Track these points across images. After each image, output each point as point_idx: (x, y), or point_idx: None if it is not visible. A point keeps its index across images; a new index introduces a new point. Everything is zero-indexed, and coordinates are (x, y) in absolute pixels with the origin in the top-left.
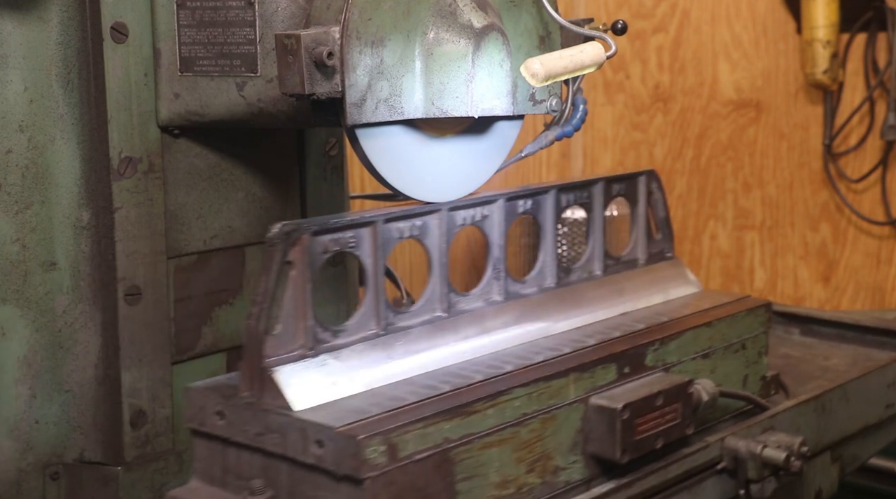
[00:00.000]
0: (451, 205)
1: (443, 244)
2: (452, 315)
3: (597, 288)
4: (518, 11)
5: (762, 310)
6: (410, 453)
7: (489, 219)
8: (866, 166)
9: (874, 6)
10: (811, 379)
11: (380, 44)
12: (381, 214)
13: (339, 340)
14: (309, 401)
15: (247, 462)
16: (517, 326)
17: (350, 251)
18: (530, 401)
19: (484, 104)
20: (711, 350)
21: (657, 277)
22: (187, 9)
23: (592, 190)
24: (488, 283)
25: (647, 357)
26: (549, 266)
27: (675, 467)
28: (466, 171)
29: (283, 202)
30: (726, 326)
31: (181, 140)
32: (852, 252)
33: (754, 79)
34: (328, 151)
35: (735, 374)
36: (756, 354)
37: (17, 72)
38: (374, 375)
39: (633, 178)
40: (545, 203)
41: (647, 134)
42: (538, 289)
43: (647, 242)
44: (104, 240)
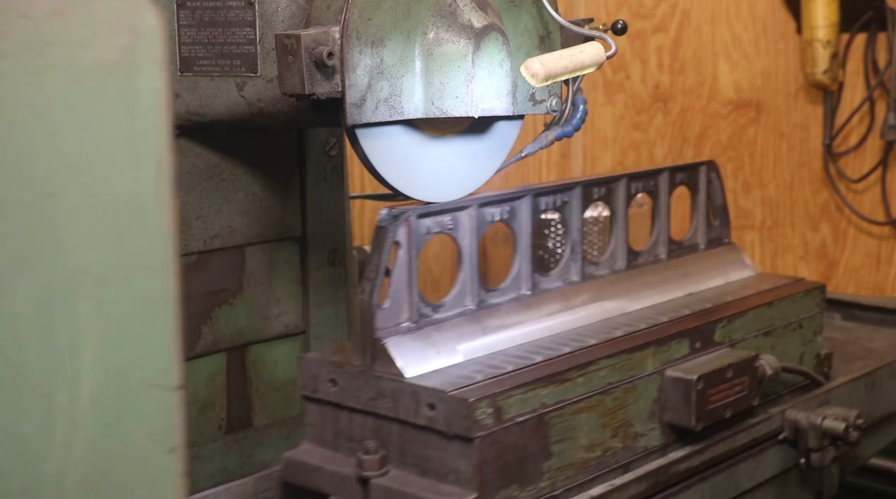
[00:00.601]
0: (536, 191)
1: (528, 227)
2: (536, 293)
3: (663, 271)
4: (518, 11)
5: (817, 291)
6: (513, 415)
7: (569, 205)
8: (866, 166)
9: (874, 6)
10: (857, 359)
11: (380, 44)
12: (476, 199)
13: (438, 314)
14: (417, 369)
15: (358, 425)
16: (594, 304)
17: (448, 233)
18: (614, 371)
19: (484, 104)
20: (772, 328)
21: (716, 261)
22: (187, 9)
23: (658, 179)
24: (566, 264)
25: (715, 333)
26: (619, 250)
27: (742, 436)
28: (466, 171)
29: (283, 202)
30: (785, 306)
31: (181, 140)
32: (852, 252)
33: (754, 79)
34: (328, 151)
35: (793, 351)
36: (812, 333)
37: None
38: (472, 346)
39: (695, 167)
40: (618, 190)
41: (647, 134)
42: (610, 271)
43: (706, 229)
44: None
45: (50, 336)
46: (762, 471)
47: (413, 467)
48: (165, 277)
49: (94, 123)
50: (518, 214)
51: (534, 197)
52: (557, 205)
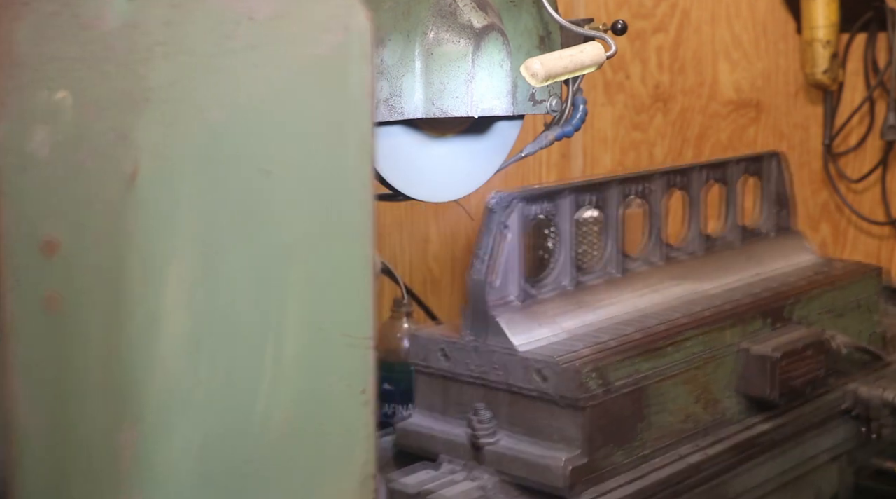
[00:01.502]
0: (621, 179)
1: (618, 214)
2: (625, 275)
3: (736, 255)
4: (518, 11)
5: (875, 273)
6: (616, 384)
7: (654, 194)
8: (866, 166)
9: (874, 6)
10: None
11: (380, 44)
12: (572, 185)
13: (542, 294)
14: (525, 342)
15: (468, 394)
16: (676, 284)
17: (550, 218)
18: (699, 344)
19: (484, 104)
20: (835, 308)
21: (784, 246)
22: None
23: (727, 168)
24: (651, 248)
25: (786, 311)
26: (695, 235)
27: (818, 412)
28: (466, 171)
29: None
30: (850, 287)
31: None
32: (852, 252)
33: (754, 79)
34: None
35: (855, 330)
36: (870, 312)
37: None
38: (572, 322)
39: (764, 158)
40: (694, 179)
41: (647, 134)
42: (689, 255)
43: (774, 216)
44: None
45: (262, 297)
46: (833, 442)
47: (523, 433)
48: (364, 245)
49: (308, 110)
50: (608, 201)
51: (619, 183)
52: (640, 191)
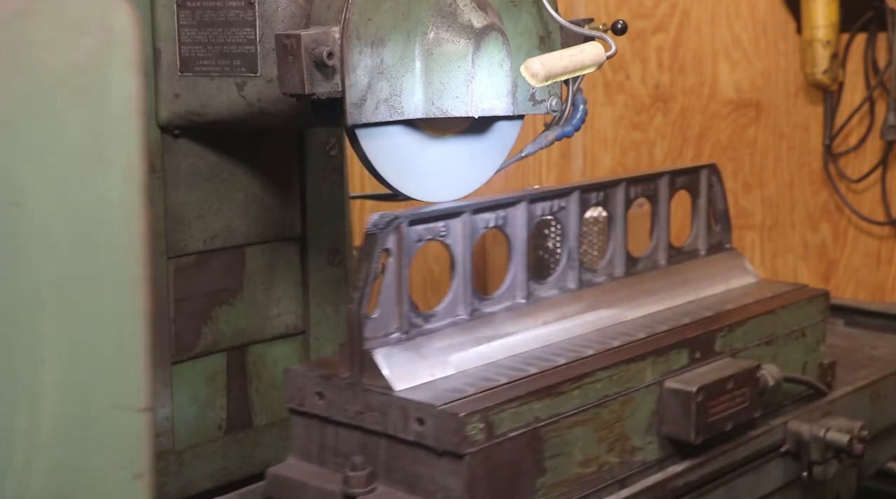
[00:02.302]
0: (531, 196)
1: (523, 233)
2: (532, 302)
3: (662, 277)
4: (518, 11)
5: (820, 299)
6: (505, 430)
7: (566, 210)
8: (866, 166)
9: (874, 6)
10: (860, 367)
11: (380, 44)
12: (470, 204)
13: (430, 324)
14: (406, 381)
15: (345, 440)
16: (591, 312)
17: (441, 240)
18: (611, 383)
19: (484, 104)
20: (774, 337)
21: (718, 267)
22: (187, 9)
23: (658, 183)
24: (563, 271)
25: (716, 343)
26: (618, 256)
27: (743, 449)
28: (466, 171)
29: (283, 202)
30: (788, 314)
31: (181, 140)
32: (852, 252)
33: (754, 79)
34: (328, 151)
35: (795, 360)
36: (815, 342)
37: None
38: (464, 357)
39: (696, 171)
40: (616, 195)
41: (647, 134)
42: (608, 278)
43: (707, 234)
44: None
45: (9, 354)
46: (763, 485)
47: (401, 484)
48: (134, 293)
49: (61, 130)
50: (513, 221)
51: (529, 203)
52: (554, 210)
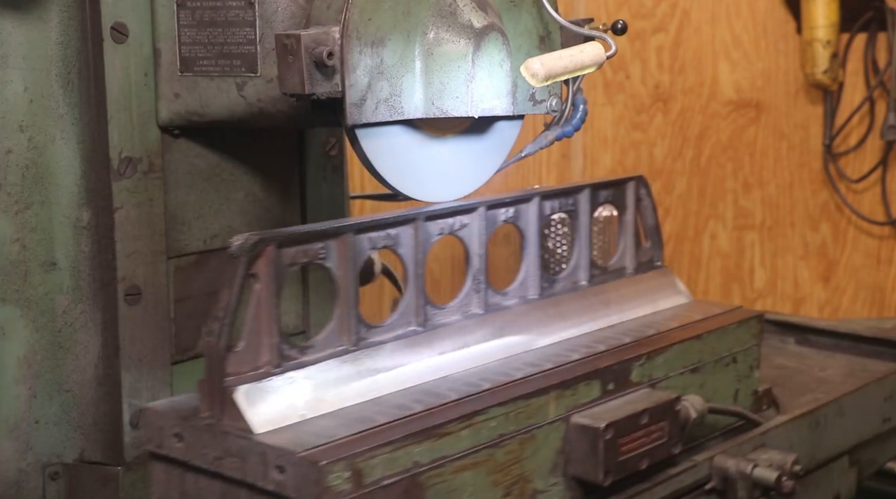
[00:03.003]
0: (426, 214)
1: (418, 255)
2: (428, 329)
3: (581, 299)
4: (518, 11)
5: (754, 321)
6: (377, 478)
7: (468, 228)
8: (866, 166)
9: (874, 6)
10: (806, 391)
11: (380, 44)
12: (351, 223)
13: (306, 356)
14: (272, 423)
15: (206, 488)
16: (497, 339)
17: (320, 263)
18: (508, 421)
19: (484, 104)
20: (701, 364)
21: (645, 287)
22: (187, 9)
23: (578, 197)
24: (467, 295)
25: (632, 373)
26: (531, 277)
27: (661, 489)
28: (466, 171)
29: (283, 202)
30: (716, 338)
31: (181, 140)
32: (852, 252)
33: (754, 79)
34: (328, 151)
35: (725, 389)
36: (747, 368)
37: (17, 72)
38: (344, 393)
39: (621, 184)
40: (528, 211)
41: (647, 134)
42: (520, 300)
43: (635, 251)
44: (104, 240)
45: None
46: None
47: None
48: None
49: None
50: (403, 242)
51: (425, 220)
52: (455, 228)
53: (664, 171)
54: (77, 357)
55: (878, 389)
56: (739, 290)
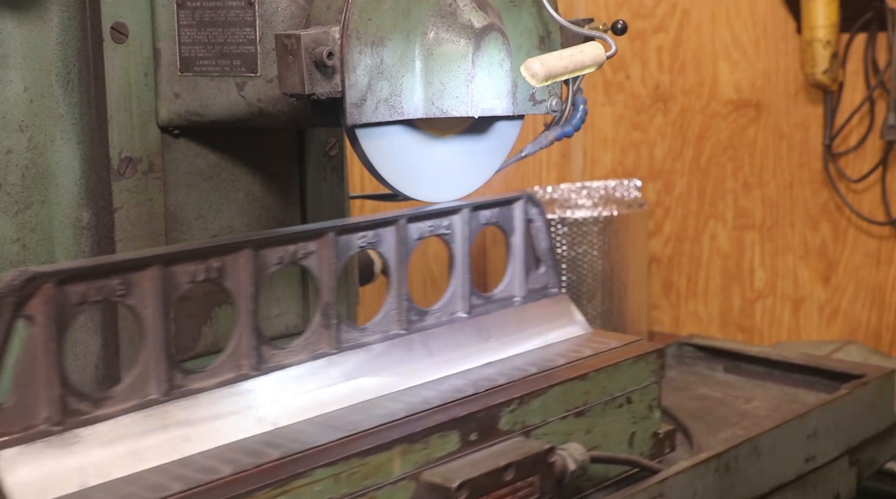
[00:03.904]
0: (259, 242)
1: (248, 287)
2: (262, 373)
3: (457, 334)
4: (518, 11)
5: (653, 357)
6: None
7: (315, 255)
8: (866, 166)
9: (874, 6)
10: (725, 427)
11: (380, 44)
12: (163, 253)
13: (101, 410)
14: (40, 494)
15: None
16: (347, 384)
17: (119, 301)
18: (338, 483)
19: (484, 104)
20: (587, 407)
21: (536, 318)
22: (187, 9)
23: (453, 219)
24: (315, 332)
25: (501, 420)
26: (396, 310)
27: None
28: (466, 171)
29: (283, 202)
30: (606, 377)
31: (181, 140)
32: (852, 252)
33: (754, 79)
34: (328, 151)
35: (619, 433)
36: (645, 408)
37: (17, 72)
38: (143, 454)
39: (507, 203)
40: (387, 236)
41: (647, 134)
42: (382, 337)
43: (525, 277)
44: (104, 240)
45: None
46: None
47: None
48: None
49: None
50: (233, 272)
51: (255, 249)
52: (299, 256)
53: (664, 171)
54: (77, 357)
55: (800, 426)
56: (739, 290)
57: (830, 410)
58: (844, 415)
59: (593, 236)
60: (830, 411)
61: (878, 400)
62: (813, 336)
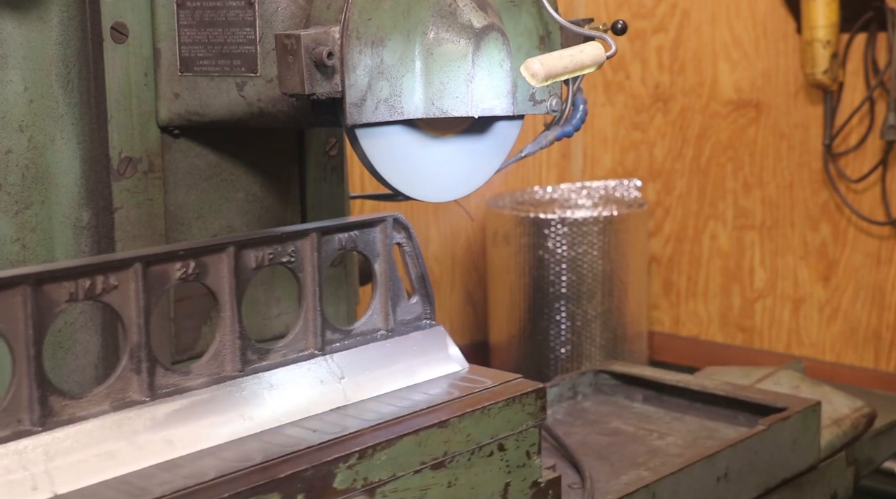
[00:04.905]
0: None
1: (26, 331)
2: (49, 428)
3: (305, 374)
4: (518, 11)
5: (531, 397)
6: None
7: (119, 290)
8: (866, 166)
9: (874, 6)
10: (632, 467)
11: (380, 44)
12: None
13: None
14: None
15: None
16: (156, 434)
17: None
18: None
19: (484, 104)
20: (447, 457)
21: (403, 353)
22: (187, 9)
23: (298, 245)
24: (123, 376)
25: (336, 478)
26: (228, 347)
27: None
28: (466, 171)
29: (283, 202)
30: (472, 423)
31: (181, 140)
32: (852, 252)
33: (754, 79)
34: (328, 151)
35: (489, 484)
36: (523, 456)
37: (17, 72)
38: None
39: (368, 226)
40: (219, 265)
41: (647, 134)
42: (210, 379)
43: (391, 309)
44: (104, 240)
45: None
46: None
47: None
48: None
49: None
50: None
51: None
52: (100, 290)
53: (664, 171)
54: (77, 357)
55: (709, 468)
56: (739, 290)
57: (744, 449)
58: (763, 453)
59: (593, 236)
60: (744, 450)
61: (801, 436)
62: (813, 336)
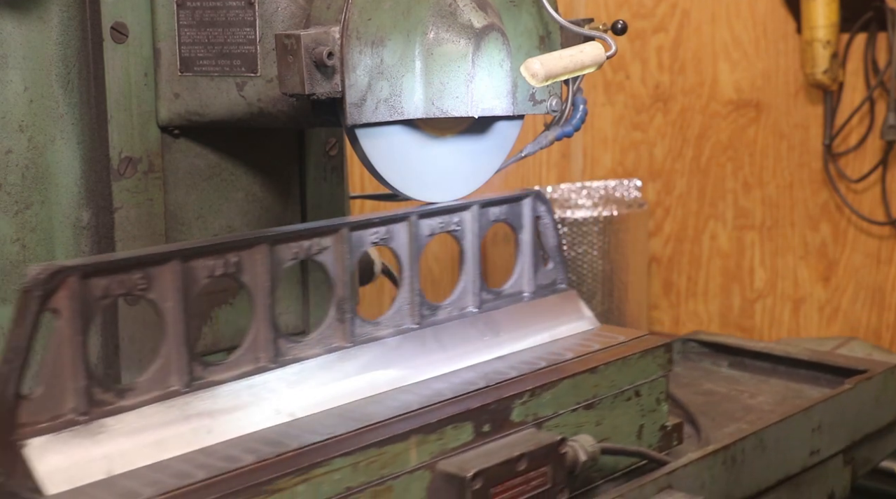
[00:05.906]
0: (275, 238)
1: (266, 282)
2: (279, 366)
3: (468, 328)
4: (518, 11)
5: (661, 350)
6: None
7: (328, 251)
8: (866, 166)
9: (874, 6)
10: (731, 421)
11: (380, 44)
12: (182, 249)
13: (125, 400)
14: (70, 481)
15: None
16: (361, 376)
17: (141, 295)
18: (357, 472)
19: (484, 104)
20: (596, 400)
21: (545, 313)
22: (187, 9)
23: (463, 215)
24: (330, 326)
25: (513, 412)
26: (407, 304)
27: None
28: (466, 171)
29: (283, 202)
30: (615, 370)
31: (181, 140)
32: (852, 252)
33: (754, 79)
34: (328, 151)
35: (627, 425)
36: (653, 402)
37: (17, 72)
38: (166, 443)
39: (517, 200)
40: (399, 232)
41: (647, 134)
42: (395, 330)
43: (534, 273)
44: (104, 240)
45: None
46: None
47: None
48: None
49: None
50: (248, 268)
51: (272, 245)
52: (313, 252)
53: (664, 171)
54: None
55: (805, 420)
56: (739, 290)
57: (834, 404)
58: (848, 409)
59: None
60: (834, 406)
61: (882, 395)
62: (813, 336)
